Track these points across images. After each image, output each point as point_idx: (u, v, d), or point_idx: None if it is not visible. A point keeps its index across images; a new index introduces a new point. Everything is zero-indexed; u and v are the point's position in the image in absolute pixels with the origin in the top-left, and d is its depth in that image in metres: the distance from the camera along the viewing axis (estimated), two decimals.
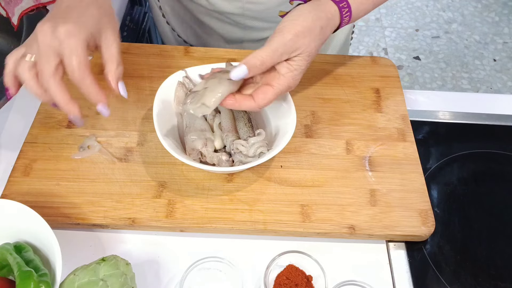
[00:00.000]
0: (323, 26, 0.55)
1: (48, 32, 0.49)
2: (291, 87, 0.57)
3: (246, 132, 0.65)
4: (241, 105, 0.57)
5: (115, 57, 0.53)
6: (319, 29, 0.55)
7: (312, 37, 0.54)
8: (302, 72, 0.57)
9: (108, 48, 0.53)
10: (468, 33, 2.36)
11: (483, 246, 0.65)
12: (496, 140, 0.76)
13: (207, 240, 0.63)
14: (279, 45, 0.53)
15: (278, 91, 0.56)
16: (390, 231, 0.62)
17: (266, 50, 0.53)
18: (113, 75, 0.53)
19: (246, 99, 0.56)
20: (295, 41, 0.53)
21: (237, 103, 0.56)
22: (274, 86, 0.56)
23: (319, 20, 0.55)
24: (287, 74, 0.55)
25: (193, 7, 0.84)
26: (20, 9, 0.89)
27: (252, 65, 0.53)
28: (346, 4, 0.57)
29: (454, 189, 0.70)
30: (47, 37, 0.49)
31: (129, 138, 0.70)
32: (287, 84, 0.56)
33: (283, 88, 0.56)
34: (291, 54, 0.54)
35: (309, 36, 0.54)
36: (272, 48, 0.53)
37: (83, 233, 0.63)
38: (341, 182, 0.66)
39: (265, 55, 0.53)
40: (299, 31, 0.53)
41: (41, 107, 0.72)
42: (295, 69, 0.55)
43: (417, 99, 0.81)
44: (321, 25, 0.55)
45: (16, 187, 0.64)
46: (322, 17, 0.55)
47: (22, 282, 0.48)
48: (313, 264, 0.58)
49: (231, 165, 0.63)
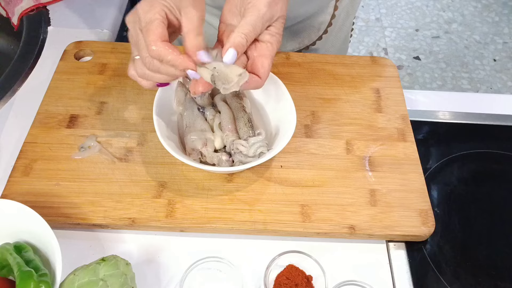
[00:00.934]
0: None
1: (131, 17, 0.54)
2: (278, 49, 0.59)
3: (246, 132, 0.65)
4: (250, 86, 0.57)
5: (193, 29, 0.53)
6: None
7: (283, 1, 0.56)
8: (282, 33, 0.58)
9: (187, 21, 0.53)
10: (468, 33, 2.36)
11: (483, 246, 0.65)
12: (496, 140, 0.76)
13: (207, 240, 0.63)
14: (257, 20, 0.54)
15: (271, 57, 0.57)
16: (390, 231, 0.62)
17: (247, 27, 0.54)
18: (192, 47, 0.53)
19: (255, 79, 0.57)
20: (270, 11, 0.55)
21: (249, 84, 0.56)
22: (266, 55, 0.57)
23: None
24: (272, 39, 0.57)
25: None
26: (20, 9, 0.89)
27: (238, 45, 0.54)
28: None
29: (454, 189, 0.70)
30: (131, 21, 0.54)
31: (129, 138, 0.70)
32: (276, 48, 0.57)
33: (273, 53, 0.57)
34: (268, 22, 0.56)
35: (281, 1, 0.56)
36: (252, 24, 0.54)
37: (83, 233, 0.63)
38: (341, 182, 0.66)
39: (247, 32, 0.54)
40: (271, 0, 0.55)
41: (41, 107, 0.72)
42: (277, 33, 0.57)
43: (417, 99, 0.81)
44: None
45: (16, 187, 0.64)
46: None
47: (22, 282, 0.48)
48: (313, 264, 0.58)
49: (231, 165, 0.63)
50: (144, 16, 0.52)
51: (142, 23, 0.52)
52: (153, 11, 0.52)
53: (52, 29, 0.88)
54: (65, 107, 0.73)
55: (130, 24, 0.54)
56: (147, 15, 0.52)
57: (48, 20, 0.90)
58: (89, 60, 0.80)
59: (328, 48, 0.93)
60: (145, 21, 0.52)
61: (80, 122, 0.71)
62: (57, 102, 0.73)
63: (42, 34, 0.87)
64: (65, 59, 0.79)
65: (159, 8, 0.52)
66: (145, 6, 0.53)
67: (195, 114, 0.67)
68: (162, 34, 0.52)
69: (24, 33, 0.87)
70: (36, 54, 0.83)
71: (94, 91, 0.75)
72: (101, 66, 0.78)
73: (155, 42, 0.51)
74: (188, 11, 0.53)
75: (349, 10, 0.89)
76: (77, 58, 0.80)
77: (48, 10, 0.91)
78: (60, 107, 0.73)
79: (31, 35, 0.86)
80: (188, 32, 0.53)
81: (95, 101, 0.74)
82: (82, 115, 0.72)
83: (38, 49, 0.84)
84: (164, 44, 0.51)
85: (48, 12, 0.91)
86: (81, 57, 0.81)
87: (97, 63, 0.79)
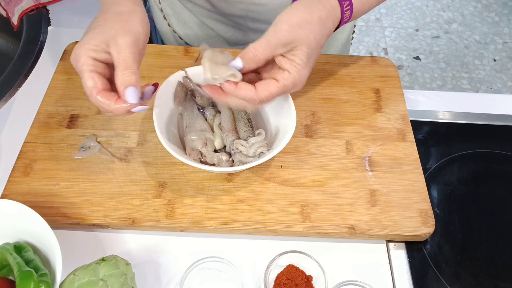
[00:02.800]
0: (322, 17, 0.53)
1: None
2: (296, 84, 0.55)
3: (246, 132, 0.65)
4: (239, 92, 0.54)
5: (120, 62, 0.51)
6: (317, 20, 0.53)
7: (309, 28, 0.52)
8: (305, 66, 0.54)
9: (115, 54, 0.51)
10: (468, 33, 2.36)
11: (483, 246, 0.65)
12: (496, 140, 0.76)
13: (207, 240, 0.63)
14: (272, 36, 0.52)
15: (282, 85, 0.54)
16: (390, 231, 0.62)
17: (260, 42, 0.52)
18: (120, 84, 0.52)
19: (248, 87, 0.54)
20: (289, 32, 0.52)
21: (237, 88, 0.54)
22: (278, 80, 0.54)
23: (317, 11, 0.53)
24: (291, 69, 0.53)
25: (195, 9, 0.84)
26: (20, 9, 0.89)
27: (246, 58, 0.53)
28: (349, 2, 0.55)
29: (454, 189, 0.70)
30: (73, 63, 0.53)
31: (129, 138, 0.70)
32: (292, 80, 0.54)
33: (287, 83, 0.54)
34: (287, 46, 0.53)
35: (306, 27, 0.52)
36: (266, 40, 0.52)
37: (83, 233, 0.63)
38: (341, 182, 0.66)
39: (258, 46, 0.52)
40: (294, 22, 0.52)
41: (41, 107, 0.72)
42: (298, 63, 0.53)
43: (417, 99, 0.81)
44: (320, 16, 0.53)
45: (16, 187, 0.64)
46: (321, 8, 0.53)
47: (22, 282, 0.48)
48: (313, 264, 0.58)
49: (231, 165, 0.63)
50: (76, 66, 0.52)
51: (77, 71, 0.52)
52: (80, 62, 0.51)
53: (52, 29, 0.88)
54: (65, 107, 0.73)
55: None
56: (77, 66, 0.51)
57: (48, 20, 0.90)
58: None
59: (330, 50, 0.93)
60: (79, 72, 0.51)
61: (80, 122, 0.71)
62: (57, 102, 0.73)
63: (42, 34, 0.87)
64: (65, 59, 0.79)
65: (84, 57, 0.51)
66: (73, 55, 0.51)
67: (195, 114, 0.67)
68: (93, 86, 0.51)
69: (24, 33, 0.87)
70: (36, 54, 0.83)
71: None
72: None
73: (90, 93, 0.51)
74: (115, 43, 0.51)
75: None
76: None
77: (48, 10, 0.91)
78: (60, 107, 0.73)
79: (31, 35, 0.86)
80: (116, 66, 0.51)
81: None
82: (82, 115, 0.72)
83: (38, 49, 0.84)
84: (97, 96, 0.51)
85: (48, 12, 0.91)
86: None
87: None
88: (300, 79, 0.54)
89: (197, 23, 0.87)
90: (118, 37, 0.51)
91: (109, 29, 0.52)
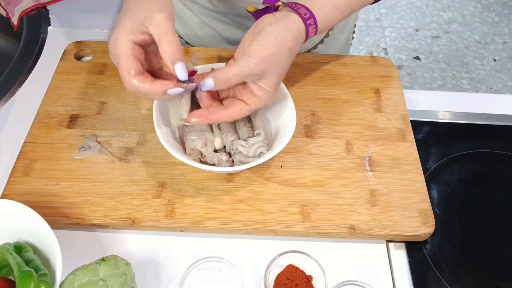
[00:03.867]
0: (290, 48, 0.56)
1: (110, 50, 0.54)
2: (266, 104, 0.59)
3: (245, 132, 0.65)
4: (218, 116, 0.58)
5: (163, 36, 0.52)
6: (286, 52, 0.56)
7: (278, 60, 0.56)
8: (274, 92, 0.58)
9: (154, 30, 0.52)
10: (468, 33, 2.36)
11: (483, 246, 0.65)
12: (496, 140, 0.76)
13: (207, 240, 0.63)
14: (244, 68, 0.55)
15: (253, 107, 0.58)
16: (390, 231, 0.62)
17: (233, 69, 0.55)
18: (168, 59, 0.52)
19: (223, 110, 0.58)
20: (260, 66, 0.55)
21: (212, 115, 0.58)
22: (249, 104, 0.58)
23: (285, 42, 0.55)
24: (260, 94, 0.57)
25: (196, 9, 0.84)
26: (20, 9, 0.89)
27: (218, 80, 0.56)
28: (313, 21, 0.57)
29: (454, 189, 0.70)
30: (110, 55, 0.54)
31: (129, 138, 0.70)
32: (261, 103, 0.58)
33: (257, 106, 0.58)
34: (257, 77, 0.56)
35: (275, 59, 0.55)
36: (237, 69, 0.55)
37: (83, 233, 0.63)
38: (341, 182, 0.66)
39: (231, 74, 0.55)
40: (265, 57, 0.54)
41: (41, 107, 0.72)
42: (267, 90, 0.57)
43: (417, 99, 0.81)
44: (289, 47, 0.56)
45: (16, 187, 0.64)
46: (290, 39, 0.56)
47: (22, 282, 0.48)
48: (313, 264, 0.58)
49: (231, 165, 0.63)
50: (114, 52, 0.53)
51: (115, 58, 0.53)
52: (118, 44, 0.52)
53: (52, 29, 0.88)
54: (65, 107, 0.73)
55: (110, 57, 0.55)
56: (116, 51, 0.52)
57: (48, 20, 0.90)
58: (89, 60, 0.80)
59: (329, 51, 0.93)
60: (116, 57, 0.53)
61: (80, 122, 0.71)
62: (57, 102, 0.73)
63: (42, 34, 0.87)
64: (65, 59, 0.79)
65: (123, 39, 0.52)
66: (112, 41, 0.53)
67: None
68: (132, 67, 0.52)
69: (24, 33, 0.87)
70: (36, 54, 0.83)
71: (94, 91, 0.75)
72: (101, 66, 0.78)
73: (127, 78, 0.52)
74: (152, 20, 0.52)
75: None
76: (77, 58, 0.80)
77: (48, 10, 0.91)
78: (60, 107, 0.73)
79: (31, 35, 0.86)
80: (159, 43, 0.52)
81: (95, 101, 0.74)
82: (82, 115, 0.72)
83: (38, 49, 0.84)
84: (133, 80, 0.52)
85: (48, 12, 0.91)
86: (81, 57, 0.81)
87: (97, 63, 0.79)
88: (269, 100, 0.59)
89: (198, 23, 0.87)
90: (154, 14, 0.52)
91: (143, 9, 0.53)
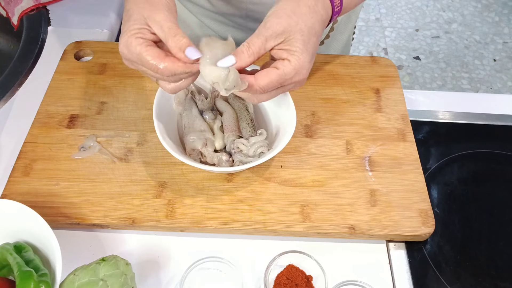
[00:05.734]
0: (310, 5, 0.54)
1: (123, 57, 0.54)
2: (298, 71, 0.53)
3: (248, 131, 0.65)
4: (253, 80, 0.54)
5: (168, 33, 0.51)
6: (305, 8, 0.53)
7: (298, 16, 0.53)
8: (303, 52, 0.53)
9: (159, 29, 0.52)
10: (468, 33, 2.36)
11: (483, 246, 0.65)
12: (496, 140, 0.76)
13: (207, 240, 0.63)
14: (263, 30, 0.52)
15: (282, 72, 0.53)
16: (390, 231, 0.62)
17: (252, 37, 0.53)
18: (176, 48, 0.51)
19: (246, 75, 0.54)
20: (278, 23, 0.52)
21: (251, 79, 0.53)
22: (278, 67, 0.53)
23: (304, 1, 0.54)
24: (289, 56, 0.53)
25: (195, 9, 0.84)
26: (20, 9, 0.89)
27: (238, 53, 0.53)
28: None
29: (454, 189, 0.70)
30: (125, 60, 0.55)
31: (129, 138, 0.70)
32: (292, 67, 0.53)
33: (288, 70, 0.53)
34: (279, 37, 0.53)
35: (294, 16, 0.53)
36: (255, 34, 0.53)
37: (83, 233, 0.63)
38: (341, 182, 0.66)
39: (251, 42, 0.52)
40: (282, 14, 0.52)
41: (41, 107, 0.72)
42: (295, 51, 0.53)
43: (417, 99, 0.81)
44: (307, 4, 0.53)
45: (16, 187, 0.64)
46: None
47: (22, 282, 0.48)
48: (313, 264, 0.58)
49: (231, 165, 0.63)
50: (130, 55, 0.52)
51: (134, 59, 0.52)
52: (132, 46, 0.51)
53: (52, 29, 0.88)
54: (65, 107, 0.73)
55: (126, 63, 0.54)
56: (131, 53, 0.52)
57: (48, 20, 0.90)
58: (89, 60, 0.80)
59: (330, 52, 0.93)
60: (135, 56, 0.52)
61: (80, 122, 0.71)
62: (57, 102, 0.73)
63: (42, 34, 0.87)
64: (65, 59, 0.79)
65: (134, 40, 0.51)
66: (123, 47, 0.52)
67: (193, 114, 0.67)
68: (157, 54, 0.51)
69: (24, 33, 0.87)
70: (36, 54, 0.83)
71: (94, 91, 0.75)
72: (101, 66, 0.78)
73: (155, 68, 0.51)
74: (153, 20, 0.52)
75: (351, 14, 0.89)
76: (77, 58, 0.80)
77: (48, 10, 0.91)
78: (60, 107, 0.73)
79: (31, 35, 0.86)
80: (165, 40, 0.52)
81: (95, 101, 0.74)
82: (82, 115, 0.72)
83: (38, 49, 0.84)
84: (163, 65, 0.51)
85: (48, 12, 0.91)
86: (81, 57, 0.81)
87: (97, 63, 0.79)
88: (301, 65, 0.53)
89: (197, 23, 0.87)
90: (153, 14, 0.52)
91: (143, 10, 0.52)
